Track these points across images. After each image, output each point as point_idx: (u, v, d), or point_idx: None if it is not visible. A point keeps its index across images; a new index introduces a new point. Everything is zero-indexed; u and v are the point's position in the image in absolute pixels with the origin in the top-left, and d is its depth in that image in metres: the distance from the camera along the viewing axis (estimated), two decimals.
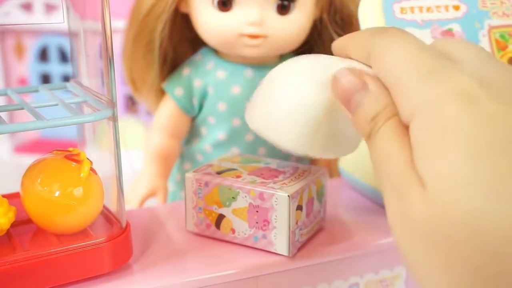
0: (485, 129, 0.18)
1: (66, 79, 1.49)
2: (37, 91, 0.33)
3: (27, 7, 1.49)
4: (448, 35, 0.36)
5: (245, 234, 0.32)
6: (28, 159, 0.31)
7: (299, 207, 0.31)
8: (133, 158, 0.49)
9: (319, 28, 0.45)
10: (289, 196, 0.30)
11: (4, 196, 0.30)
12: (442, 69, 0.20)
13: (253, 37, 0.41)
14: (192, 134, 0.48)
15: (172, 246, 0.33)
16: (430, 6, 0.36)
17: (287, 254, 0.31)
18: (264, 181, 0.32)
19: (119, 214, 0.30)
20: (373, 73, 0.24)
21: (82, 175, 0.29)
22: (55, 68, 1.63)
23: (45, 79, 1.63)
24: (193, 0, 0.42)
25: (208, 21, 0.42)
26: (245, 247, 0.32)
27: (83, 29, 0.33)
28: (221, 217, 0.33)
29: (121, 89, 1.43)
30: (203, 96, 0.45)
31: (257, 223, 0.31)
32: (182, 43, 0.47)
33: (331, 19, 0.44)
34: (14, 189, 0.32)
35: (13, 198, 0.31)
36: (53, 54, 1.63)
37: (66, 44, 1.50)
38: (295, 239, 0.31)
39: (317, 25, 0.45)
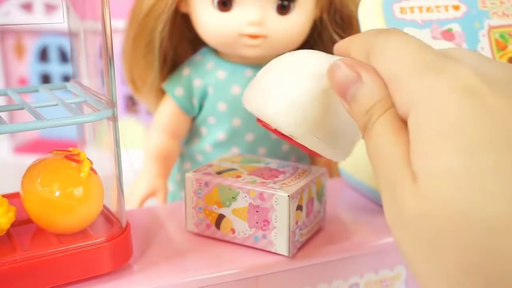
0: (487, 123, 0.18)
1: (66, 79, 1.49)
2: (37, 91, 0.33)
3: (27, 7, 1.49)
4: (447, 35, 0.36)
5: (245, 234, 0.32)
6: (28, 159, 0.31)
7: (299, 207, 0.31)
8: (133, 158, 0.49)
9: (319, 28, 0.45)
10: (289, 196, 0.30)
11: (4, 196, 0.30)
12: (443, 63, 0.20)
13: (253, 37, 0.41)
14: (192, 134, 0.48)
15: (172, 246, 0.33)
16: (430, 6, 0.36)
17: (287, 254, 0.31)
18: (264, 181, 0.32)
19: (119, 214, 0.30)
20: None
21: (82, 175, 0.29)
22: (55, 68, 1.63)
23: (45, 79, 1.63)
24: (193, 0, 0.42)
25: (208, 21, 0.42)
26: (245, 247, 0.32)
27: (83, 29, 0.33)
28: (221, 217, 0.33)
29: (121, 89, 1.43)
30: (203, 96, 0.45)
31: (257, 223, 0.31)
32: (182, 43, 0.47)
33: (331, 19, 0.45)
34: (14, 189, 0.32)
35: (13, 198, 0.31)
36: (53, 54, 1.63)
37: (66, 44, 1.50)
38: (295, 239, 0.31)
39: (317, 25, 0.45)
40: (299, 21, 0.42)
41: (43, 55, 1.64)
